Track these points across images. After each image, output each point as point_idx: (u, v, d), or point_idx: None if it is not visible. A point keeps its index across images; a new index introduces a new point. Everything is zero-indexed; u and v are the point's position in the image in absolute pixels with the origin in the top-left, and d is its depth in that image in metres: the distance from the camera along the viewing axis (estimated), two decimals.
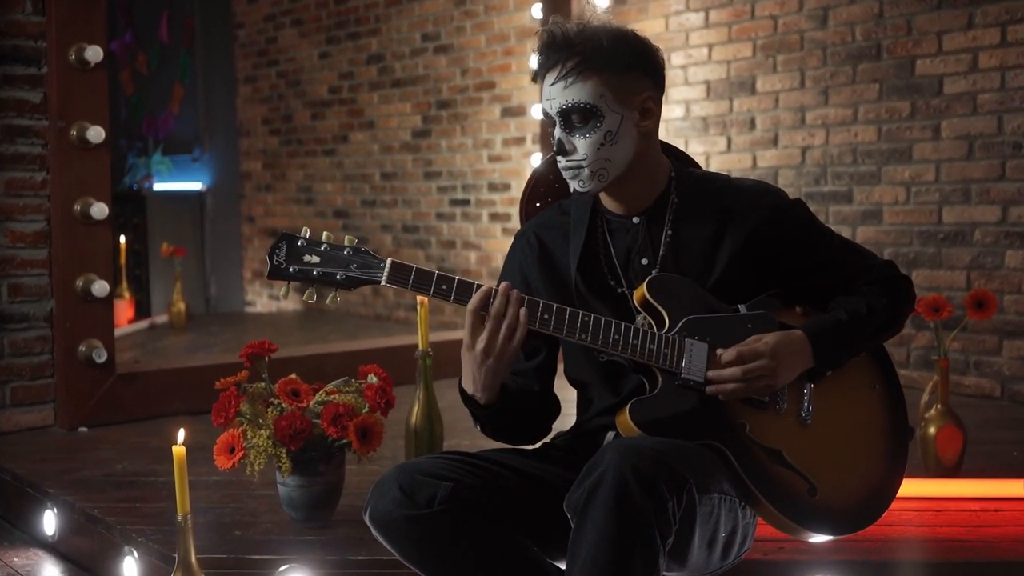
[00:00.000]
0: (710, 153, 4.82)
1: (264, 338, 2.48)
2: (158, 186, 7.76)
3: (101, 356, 3.44)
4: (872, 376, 1.97)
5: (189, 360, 4.07)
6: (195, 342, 5.72)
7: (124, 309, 6.24)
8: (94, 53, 3.41)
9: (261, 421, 2.34)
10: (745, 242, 1.88)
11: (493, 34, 5.73)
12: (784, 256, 1.91)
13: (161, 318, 6.44)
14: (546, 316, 1.76)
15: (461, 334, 1.78)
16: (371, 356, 4.32)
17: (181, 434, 2.10)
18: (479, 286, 1.75)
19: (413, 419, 2.68)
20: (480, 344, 1.74)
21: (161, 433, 3.42)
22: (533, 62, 1.90)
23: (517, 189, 5.59)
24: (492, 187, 5.82)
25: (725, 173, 2.03)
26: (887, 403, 1.97)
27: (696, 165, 2.11)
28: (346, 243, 1.77)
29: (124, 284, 6.34)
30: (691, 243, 1.89)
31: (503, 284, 1.75)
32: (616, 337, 1.76)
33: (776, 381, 1.81)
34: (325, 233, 1.79)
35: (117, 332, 5.89)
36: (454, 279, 1.75)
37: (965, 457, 2.77)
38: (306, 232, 1.77)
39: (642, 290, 1.84)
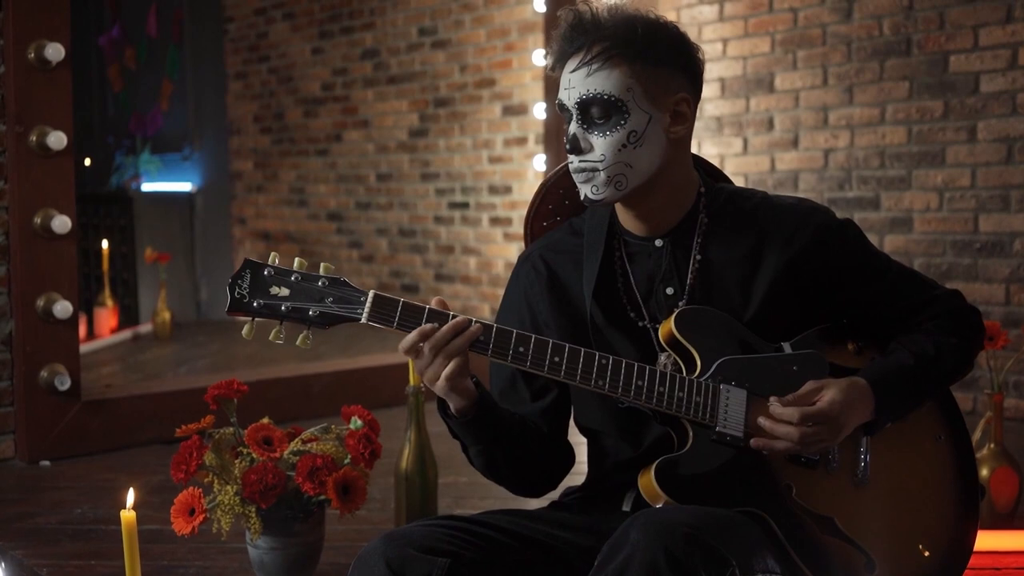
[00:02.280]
0: (725, 155, 4.57)
1: (252, 350, 2.18)
2: (146, 186, 7.49)
3: (64, 383, 3.16)
4: (936, 426, 1.71)
5: (163, 385, 3.78)
6: (180, 354, 5.44)
7: (107, 318, 5.98)
8: (55, 51, 3.12)
9: (231, 467, 2.05)
10: (788, 269, 1.63)
11: (493, 28, 5.51)
12: (834, 285, 1.66)
13: (146, 327, 6.15)
14: (556, 359, 1.50)
15: None
16: (363, 376, 4.09)
17: (130, 496, 1.81)
18: (475, 323, 1.49)
19: (404, 464, 2.39)
20: (419, 367, 1.51)
21: (131, 466, 3.16)
22: (539, 56, 1.64)
23: (519, 192, 5.37)
24: (493, 190, 5.59)
25: (761, 189, 1.77)
26: (954, 457, 1.71)
27: (727, 180, 1.85)
28: (322, 272, 1.50)
29: (107, 292, 6.07)
30: (724, 270, 1.65)
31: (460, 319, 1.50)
32: (640, 383, 1.52)
33: (834, 442, 1.57)
34: (297, 260, 1.52)
35: (99, 344, 5.71)
36: (447, 315, 1.50)
37: (1021, 500, 2.50)
38: (274, 259, 1.51)
39: (669, 326, 1.59)
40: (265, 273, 1.49)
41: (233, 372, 4.14)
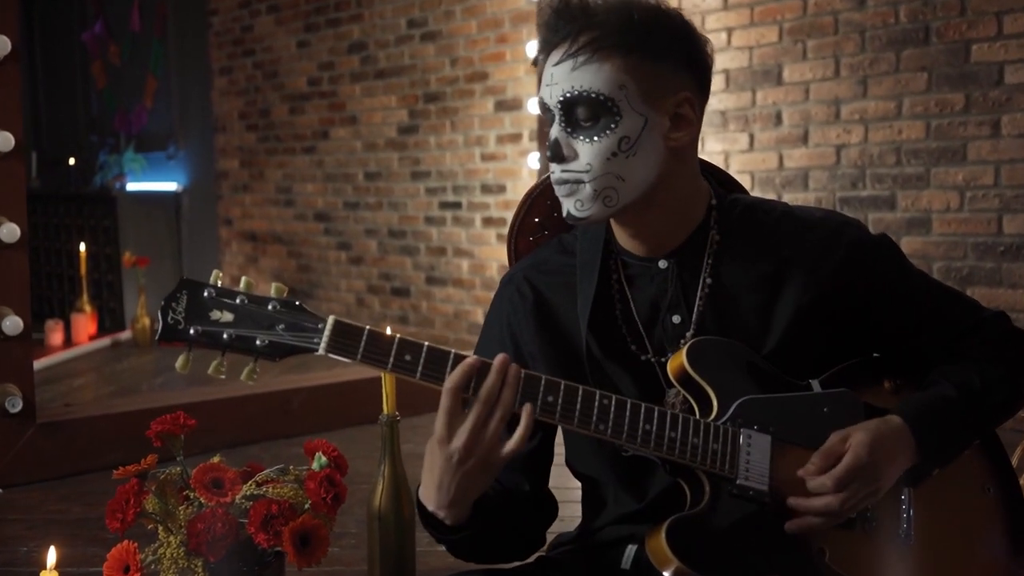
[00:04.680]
0: (730, 152, 4.35)
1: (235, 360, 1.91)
2: (131, 186, 7.27)
3: (16, 405, 2.93)
4: (984, 474, 1.50)
5: (126, 404, 3.54)
6: (159, 363, 5.20)
7: (84, 325, 5.75)
8: (1, 44, 2.88)
9: (176, 513, 1.81)
10: (815, 294, 1.42)
11: (485, 19, 5.29)
12: (868, 312, 1.45)
13: (126, 334, 5.92)
14: (550, 399, 1.28)
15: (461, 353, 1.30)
16: (346, 390, 3.85)
17: (52, 555, 1.59)
18: (459, 356, 1.26)
19: (377, 501, 2.15)
20: (460, 439, 1.25)
21: (88, 495, 2.93)
22: (533, 48, 1.41)
23: (513, 191, 5.15)
24: (486, 189, 5.37)
25: (782, 201, 1.56)
26: (1004, 511, 1.50)
27: (742, 189, 1.63)
28: (273, 294, 1.27)
29: (84, 297, 5.85)
30: (739, 295, 1.43)
31: (500, 357, 1.26)
32: (647, 428, 1.30)
33: (877, 495, 1.36)
34: (244, 280, 1.28)
35: (75, 352, 5.48)
36: (421, 346, 1.26)
37: None
38: (217, 279, 1.28)
39: (681, 360, 1.37)
40: (205, 295, 1.26)
41: (210, 385, 3.90)
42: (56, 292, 6.99)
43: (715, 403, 1.35)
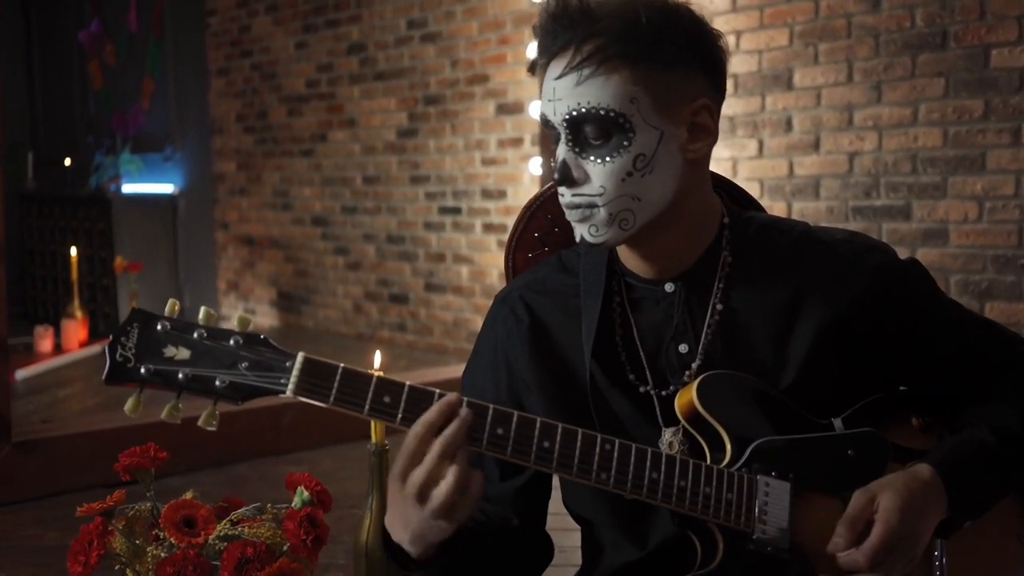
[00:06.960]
0: (738, 158, 4.24)
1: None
2: (127, 188, 7.17)
3: None
4: (1018, 520, 1.37)
5: (107, 420, 3.40)
6: None
7: (75, 331, 5.63)
8: None
9: (145, 554, 1.68)
10: (836, 324, 1.29)
11: (487, 20, 5.19)
12: (895, 343, 1.32)
13: None
14: (546, 444, 1.15)
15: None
16: None
17: None
18: (442, 396, 1.13)
19: (363, 535, 2.01)
20: (416, 478, 1.11)
21: (65, 518, 2.75)
22: (532, 50, 1.28)
23: (513, 197, 5.05)
24: (486, 194, 5.26)
25: (802, 220, 1.43)
26: None
27: (758, 206, 1.50)
28: (236, 327, 1.14)
29: (76, 302, 5.74)
30: (752, 323, 1.30)
31: (465, 411, 1.12)
32: (654, 476, 1.18)
33: (916, 559, 1.24)
34: (204, 310, 1.14)
35: (66, 359, 5.37)
36: (403, 386, 1.13)
37: None
38: (173, 310, 1.14)
39: (691, 396, 1.24)
40: (159, 328, 1.12)
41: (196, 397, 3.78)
42: (51, 296, 6.89)
43: (728, 446, 1.23)
